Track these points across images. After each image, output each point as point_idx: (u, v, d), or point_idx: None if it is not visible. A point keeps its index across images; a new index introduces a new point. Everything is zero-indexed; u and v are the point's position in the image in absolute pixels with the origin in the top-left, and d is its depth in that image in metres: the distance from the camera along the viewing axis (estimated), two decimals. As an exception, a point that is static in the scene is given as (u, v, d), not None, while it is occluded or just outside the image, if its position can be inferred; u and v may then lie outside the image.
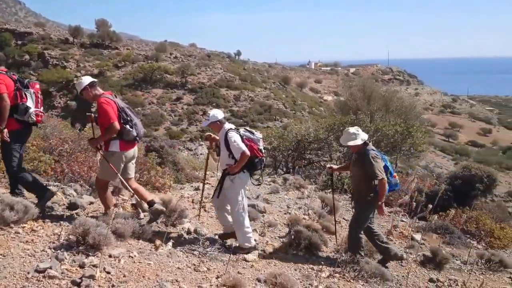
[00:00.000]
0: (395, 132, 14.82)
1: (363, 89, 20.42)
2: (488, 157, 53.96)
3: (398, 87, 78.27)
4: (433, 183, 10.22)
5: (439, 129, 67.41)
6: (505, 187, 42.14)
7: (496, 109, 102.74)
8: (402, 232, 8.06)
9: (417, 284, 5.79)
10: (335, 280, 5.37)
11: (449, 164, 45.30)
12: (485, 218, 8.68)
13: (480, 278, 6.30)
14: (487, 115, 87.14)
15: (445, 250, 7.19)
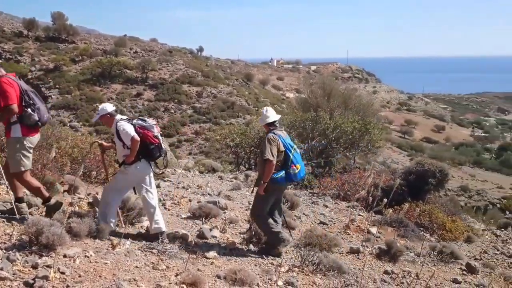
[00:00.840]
0: (354, 129, 15.17)
1: (323, 87, 20.75)
2: (441, 153, 56.11)
3: (357, 85, 79.99)
4: (388, 178, 10.54)
5: (396, 126, 69.45)
6: (458, 182, 43.97)
7: (449, 106, 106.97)
8: (359, 226, 8.28)
9: (372, 276, 5.96)
10: (294, 274, 5.45)
11: (405, 160, 46.75)
12: (438, 212, 9.04)
13: (432, 269, 6.56)
14: (441, 112, 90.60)
15: (399, 242, 7.44)
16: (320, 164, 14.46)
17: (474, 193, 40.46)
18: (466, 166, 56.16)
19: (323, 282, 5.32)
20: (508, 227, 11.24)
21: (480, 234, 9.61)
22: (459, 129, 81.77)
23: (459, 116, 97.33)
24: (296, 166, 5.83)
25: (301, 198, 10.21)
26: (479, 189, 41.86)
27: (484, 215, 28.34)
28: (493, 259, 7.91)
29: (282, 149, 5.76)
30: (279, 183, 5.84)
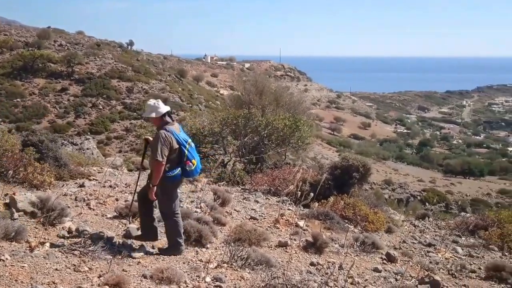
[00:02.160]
0: (284, 125, 15.46)
1: (255, 84, 20.96)
2: (367, 149, 58.98)
3: (289, 83, 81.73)
4: (316, 173, 10.89)
5: (326, 123, 71.90)
6: (382, 176, 46.42)
7: (375, 104, 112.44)
8: (288, 220, 8.48)
9: (299, 268, 6.14)
10: (223, 270, 5.49)
11: (334, 155, 48.46)
12: (361, 204, 9.48)
13: (355, 259, 6.89)
14: (367, 110, 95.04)
15: (325, 235, 7.72)
16: (252, 161, 14.61)
17: (397, 186, 42.85)
18: (390, 160, 59.45)
19: (251, 276, 5.41)
20: (425, 217, 12.02)
21: (400, 225, 10.19)
22: (384, 126, 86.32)
23: (384, 114, 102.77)
24: (192, 162, 5.62)
25: (233, 194, 10.28)
26: (401, 183, 44.39)
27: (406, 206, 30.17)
28: (411, 248, 8.44)
29: (176, 146, 5.47)
30: (177, 180, 5.66)
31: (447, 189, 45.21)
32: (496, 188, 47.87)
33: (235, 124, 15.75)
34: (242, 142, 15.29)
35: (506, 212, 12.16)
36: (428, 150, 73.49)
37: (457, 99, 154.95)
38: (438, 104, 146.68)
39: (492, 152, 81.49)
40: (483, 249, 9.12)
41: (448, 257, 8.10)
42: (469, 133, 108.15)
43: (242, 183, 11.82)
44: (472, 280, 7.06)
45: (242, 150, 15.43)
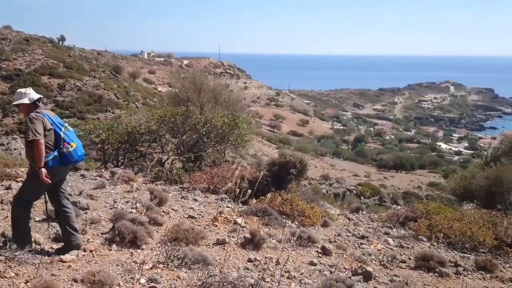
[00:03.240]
0: (223, 123, 15.45)
1: (193, 81, 20.75)
2: (306, 145, 60.38)
3: (229, 81, 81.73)
4: (255, 170, 10.98)
5: (266, 120, 72.68)
6: (320, 171, 47.64)
7: (312, 102, 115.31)
8: (227, 217, 8.48)
9: (237, 265, 6.16)
10: (158, 270, 5.39)
11: (274, 152, 49.11)
12: (298, 200, 9.67)
13: (292, 254, 7.02)
14: (305, 107, 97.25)
15: (263, 231, 7.81)
16: (190, 159, 14.47)
17: (334, 181, 44.10)
18: (327, 156, 61.16)
19: (188, 275, 5.35)
20: (359, 211, 12.49)
21: (335, 219, 10.51)
22: (321, 123, 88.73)
23: (321, 111, 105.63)
24: (71, 144, 5.32)
25: (171, 193, 10.13)
26: (338, 177, 45.76)
27: (342, 200, 31.21)
28: (345, 241, 8.73)
29: (49, 127, 5.20)
30: (53, 166, 5.20)
31: (381, 182, 47.18)
32: (426, 181, 50.63)
33: (173, 122, 15.52)
34: (181, 140, 15.11)
35: (433, 203, 12.94)
36: (363, 145, 76.48)
37: (389, 96, 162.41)
38: (372, 101, 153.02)
39: (422, 146, 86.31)
40: (413, 240, 9.62)
41: (380, 249, 8.47)
42: (400, 129, 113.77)
43: (181, 182, 11.67)
44: (402, 270, 7.42)
45: (180, 148, 15.24)
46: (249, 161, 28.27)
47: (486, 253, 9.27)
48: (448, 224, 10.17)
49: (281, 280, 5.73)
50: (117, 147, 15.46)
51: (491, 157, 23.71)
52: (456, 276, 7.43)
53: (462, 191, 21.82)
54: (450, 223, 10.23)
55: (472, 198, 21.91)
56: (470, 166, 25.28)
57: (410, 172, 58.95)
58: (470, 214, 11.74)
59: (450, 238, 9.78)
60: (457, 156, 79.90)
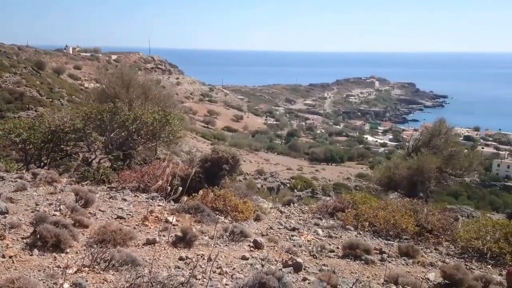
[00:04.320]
0: (154, 120, 15.09)
1: (121, 77, 20.06)
2: (240, 140, 60.68)
3: (160, 76, 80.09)
4: (187, 167, 10.86)
5: (200, 116, 72.12)
6: (255, 166, 48.08)
7: (246, 97, 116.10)
8: (158, 216, 8.31)
9: (167, 264, 6.06)
10: (83, 274, 5.17)
11: (209, 148, 48.86)
12: (231, 195, 9.70)
13: (224, 250, 7.03)
14: (239, 103, 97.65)
15: (195, 228, 7.74)
16: (119, 157, 14.01)
17: (268, 175, 44.76)
18: (262, 151, 61.84)
19: (115, 278, 5.19)
20: (290, 203, 12.77)
21: (268, 212, 10.67)
22: (255, 118, 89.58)
23: (255, 107, 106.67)
24: None
25: (98, 194, 9.75)
26: (272, 172, 46.48)
27: (277, 194, 31.72)
28: (277, 234, 8.89)
29: None
30: None
31: (313, 175, 48.56)
32: (354, 172, 52.85)
33: (100, 119, 14.91)
34: (108, 138, 14.56)
35: (359, 194, 13.52)
36: (296, 140, 78.30)
37: (319, 92, 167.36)
38: (303, 96, 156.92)
39: (351, 139, 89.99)
40: (341, 230, 10.00)
41: (310, 239, 8.71)
42: (330, 123, 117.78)
43: (109, 182, 11.27)
44: (331, 259, 7.68)
45: (108, 147, 14.70)
46: (183, 158, 27.94)
47: (408, 240, 9.85)
48: (373, 213, 10.69)
49: (213, 277, 5.71)
50: (40, 146, 14.61)
51: (412, 148, 25.18)
52: (381, 262, 7.82)
53: (387, 181, 23.03)
54: (375, 212, 10.75)
55: (396, 188, 23.20)
56: (394, 157, 26.68)
57: (340, 164, 61.24)
58: (394, 203, 12.41)
59: (375, 226, 10.28)
60: (383, 147, 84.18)
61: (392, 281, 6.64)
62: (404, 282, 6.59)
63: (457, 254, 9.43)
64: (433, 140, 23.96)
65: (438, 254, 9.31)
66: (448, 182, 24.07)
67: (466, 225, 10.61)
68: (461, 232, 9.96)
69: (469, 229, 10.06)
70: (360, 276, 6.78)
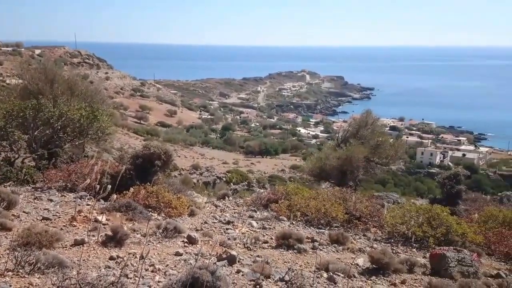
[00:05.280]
0: (81, 116, 14.46)
1: (45, 72, 18.97)
2: (175, 136, 59.78)
3: (88, 71, 76.74)
4: (117, 164, 10.54)
5: (131, 112, 70.03)
6: (190, 161, 47.61)
7: (179, 92, 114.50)
8: (86, 216, 8.02)
9: (97, 264, 5.88)
10: (7, 279, 4.90)
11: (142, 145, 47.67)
12: (164, 191, 9.55)
13: (157, 247, 6.93)
14: (172, 98, 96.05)
15: (127, 226, 7.56)
16: (44, 156, 13.28)
17: (204, 170, 44.49)
18: (197, 146, 61.32)
19: (41, 281, 4.96)
20: (225, 197, 12.82)
21: (202, 207, 10.64)
22: (189, 113, 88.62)
23: (188, 101, 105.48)
24: None
25: (21, 195, 9.22)
26: (208, 166, 46.24)
27: (213, 188, 31.67)
28: (212, 228, 8.90)
29: None
30: None
31: (249, 168, 48.92)
32: (288, 164, 53.93)
33: (22, 117, 14.04)
34: (32, 137, 13.76)
35: (292, 185, 13.86)
36: (231, 133, 78.43)
37: (252, 85, 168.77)
38: (237, 90, 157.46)
39: (284, 132, 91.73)
40: (274, 221, 10.20)
41: (244, 232, 8.81)
42: (264, 116, 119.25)
43: (33, 182, 10.69)
44: (265, 250, 7.82)
45: (32, 145, 13.90)
46: (114, 155, 27.03)
47: (338, 227, 10.25)
48: (305, 203, 11.01)
49: (145, 275, 5.62)
50: None
51: (342, 139, 26.12)
52: (313, 251, 8.08)
53: (318, 171, 23.75)
54: (307, 202, 11.08)
55: (327, 178, 23.98)
56: (324, 148, 27.52)
57: (274, 157, 62.21)
58: (324, 193, 12.87)
59: (307, 216, 10.61)
60: (315, 139, 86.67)
61: (323, 268, 6.89)
62: (335, 268, 6.87)
63: (384, 239, 9.96)
64: (361, 131, 24.98)
65: (366, 240, 9.78)
66: (376, 170, 25.27)
67: (391, 211, 11.19)
68: (387, 218, 10.50)
69: (395, 215, 10.63)
70: (292, 265, 6.97)
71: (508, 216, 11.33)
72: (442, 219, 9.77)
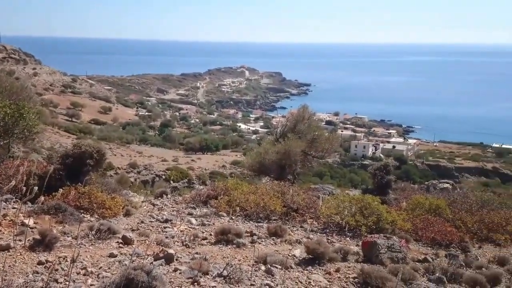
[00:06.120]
0: (5, 114, 13.59)
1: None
2: (110, 133, 57.85)
3: (14, 67, 72.32)
4: (46, 164, 10.02)
5: (62, 109, 66.89)
6: (127, 160, 46.33)
7: (114, 88, 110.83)
8: (12, 219, 7.55)
9: (24, 270, 5.55)
10: None
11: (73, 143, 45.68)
12: (97, 192, 9.20)
13: (90, 249, 6.66)
14: (106, 94, 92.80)
15: (56, 229, 7.21)
16: (-37, 158, 12.35)
17: (142, 169, 43.44)
18: (134, 144, 59.75)
19: (-41, 293, 4.60)
20: (163, 195, 12.59)
21: (139, 206, 10.38)
22: (125, 110, 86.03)
23: (124, 97, 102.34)
24: None
25: None
26: (146, 164, 45.20)
27: (152, 187, 30.99)
28: (149, 227, 8.69)
29: None
30: None
31: (189, 165, 48.37)
32: (229, 160, 53.96)
33: None
34: None
35: (231, 180, 13.89)
36: (170, 130, 77.15)
37: (191, 81, 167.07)
38: (175, 86, 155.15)
39: (225, 128, 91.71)
40: (214, 217, 10.16)
41: (183, 230, 8.70)
42: (204, 113, 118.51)
43: None
44: (204, 247, 7.77)
45: None
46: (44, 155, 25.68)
47: (277, 220, 10.42)
48: (245, 198, 11.08)
49: (77, 278, 5.39)
50: None
51: (280, 134, 26.50)
52: (251, 244, 8.14)
53: (258, 166, 23.97)
54: (246, 197, 11.15)
55: (267, 172, 24.27)
56: (263, 143, 27.83)
57: (215, 153, 62.03)
58: (263, 187, 13.01)
59: (247, 210, 10.68)
60: (255, 135, 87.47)
61: (261, 261, 6.97)
62: (272, 260, 6.96)
63: (320, 229, 10.25)
64: (298, 125, 25.47)
65: (303, 231, 10.01)
66: (313, 163, 25.90)
67: (327, 203, 11.53)
68: (323, 209, 10.81)
69: (330, 206, 10.97)
70: (231, 260, 6.98)
71: (434, 203, 12.06)
72: (373, 208, 10.21)
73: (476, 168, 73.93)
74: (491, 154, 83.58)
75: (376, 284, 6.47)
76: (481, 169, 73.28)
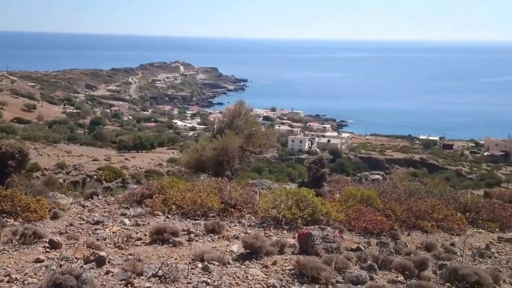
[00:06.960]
0: None
1: None
2: (35, 132, 54.73)
3: None
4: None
5: (-18, 108, 62.37)
6: (55, 160, 44.07)
7: (38, 84, 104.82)
8: None
9: None
10: None
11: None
12: (20, 195, 8.63)
13: (14, 255, 6.23)
14: (30, 91, 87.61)
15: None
16: None
17: (71, 169, 41.57)
18: (61, 143, 56.95)
19: None
20: (94, 196, 12.06)
21: (68, 208, 9.86)
22: (51, 107, 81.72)
23: (50, 94, 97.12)
24: None
25: None
26: (76, 164, 43.30)
27: (83, 188, 29.68)
28: (78, 230, 8.28)
29: None
30: None
31: (123, 164, 46.92)
32: (166, 157, 52.97)
33: None
34: None
35: (167, 178, 13.59)
36: (101, 128, 74.30)
37: (123, 77, 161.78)
38: (105, 81, 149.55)
39: (160, 125, 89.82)
40: (149, 216, 9.88)
41: (115, 231, 8.37)
42: (137, 109, 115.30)
43: None
44: (138, 247, 7.52)
45: None
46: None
47: (214, 217, 10.33)
48: (181, 196, 10.88)
49: (0, 286, 5.01)
50: None
51: (217, 130, 26.36)
52: (188, 242, 8.00)
53: (195, 163, 23.70)
54: (182, 195, 10.96)
55: (204, 169, 24.06)
56: (200, 140, 27.54)
57: (150, 151, 60.58)
58: (200, 184, 12.85)
59: (183, 208, 10.49)
60: (192, 131, 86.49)
61: (199, 259, 6.87)
62: (210, 257, 6.89)
63: (257, 224, 10.30)
64: (235, 121, 25.46)
65: (241, 226, 10.01)
66: (250, 159, 26.04)
67: (264, 197, 11.62)
68: (260, 204, 10.88)
69: (267, 200, 11.06)
70: (167, 259, 6.82)
71: (365, 194, 12.53)
72: (308, 201, 10.42)
73: (405, 159, 78.30)
74: (418, 145, 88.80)
75: (312, 275, 6.60)
76: (410, 160, 77.74)
